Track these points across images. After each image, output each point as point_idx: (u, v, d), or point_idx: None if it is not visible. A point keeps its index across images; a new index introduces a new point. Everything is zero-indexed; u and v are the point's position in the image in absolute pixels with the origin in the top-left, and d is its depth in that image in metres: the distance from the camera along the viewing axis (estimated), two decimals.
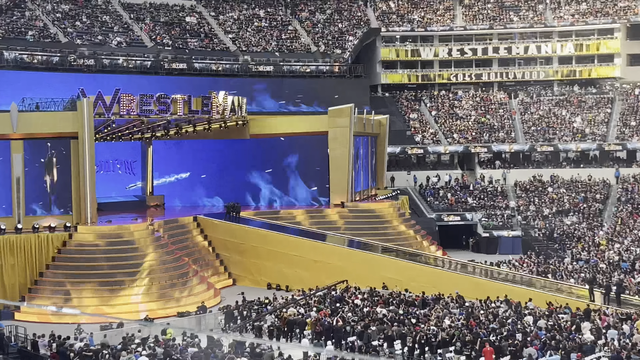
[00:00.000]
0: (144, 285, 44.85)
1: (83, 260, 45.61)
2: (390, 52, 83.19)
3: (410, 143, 74.97)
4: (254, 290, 49.04)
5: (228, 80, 70.83)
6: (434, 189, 72.25)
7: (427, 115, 79.87)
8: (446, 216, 68.00)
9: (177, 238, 52.02)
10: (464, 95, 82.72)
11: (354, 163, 59.43)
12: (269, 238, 52.36)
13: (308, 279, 49.60)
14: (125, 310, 42.99)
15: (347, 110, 58.32)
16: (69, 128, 48.50)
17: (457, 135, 75.71)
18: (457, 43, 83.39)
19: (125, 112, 50.37)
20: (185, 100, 53.09)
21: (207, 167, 62.60)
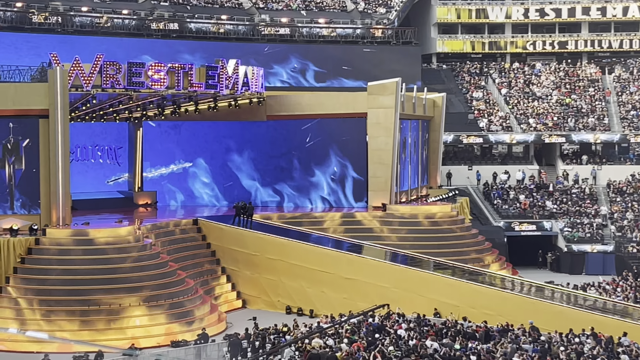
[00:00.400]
0: (129, 306, 45.14)
1: (53, 272, 45.96)
2: (449, 12, 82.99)
3: (473, 130, 74.77)
4: (270, 315, 49.14)
5: (240, 45, 71.14)
6: (502, 189, 72.00)
7: (495, 94, 79.57)
8: (518, 225, 67.70)
9: (172, 246, 52.29)
10: (543, 69, 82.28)
11: (399, 154, 59.38)
12: (289, 249, 52.47)
13: (338, 301, 49.57)
14: (104, 337, 43.29)
15: (393, 86, 58.27)
16: (38, 104, 48.89)
17: (534, 121, 75.37)
18: (536, 1, 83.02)
19: (109, 85, 50.66)
20: (185, 71, 53.31)
21: (212, 156, 62.91)
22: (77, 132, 58.65)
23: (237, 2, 76.20)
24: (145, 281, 46.61)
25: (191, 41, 70.50)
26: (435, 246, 55.69)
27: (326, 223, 57.17)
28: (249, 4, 76.10)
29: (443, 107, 68.29)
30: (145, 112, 60.69)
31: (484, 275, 50.84)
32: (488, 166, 74.72)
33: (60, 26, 66.18)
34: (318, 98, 63.07)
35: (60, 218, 48.77)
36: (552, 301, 46.43)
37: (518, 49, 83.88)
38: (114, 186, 65.00)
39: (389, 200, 58.27)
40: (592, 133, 73.97)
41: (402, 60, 74.90)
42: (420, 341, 37.46)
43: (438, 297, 47.10)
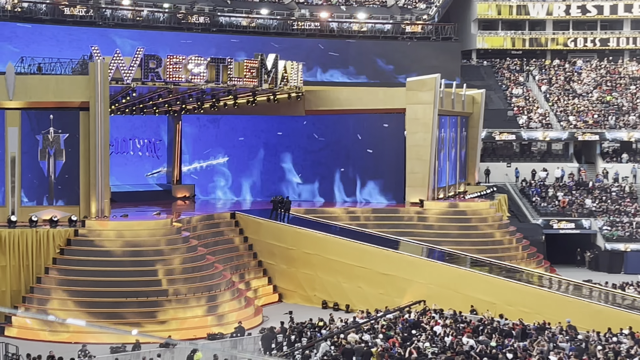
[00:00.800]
0: (167, 298, 45.40)
1: (91, 263, 46.33)
2: (490, 7, 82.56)
3: (512, 126, 74.40)
4: (306, 310, 49.27)
5: (280, 40, 71.20)
6: (541, 186, 71.60)
7: (535, 91, 79.11)
8: (556, 222, 67.31)
9: (209, 240, 52.55)
10: (584, 66, 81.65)
11: (437, 150, 59.22)
12: (326, 243, 52.51)
13: (374, 297, 49.61)
14: (140, 329, 43.53)
15: (432, 82, 58.09)
16: (79, 96, 49.28)
17: (574, 118, 74.84)
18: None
19: (149, 78, 50.95)
20: (224, 65, 53.47)
21: (250, 151, 63.07)
22: (116, 124, 59.06)
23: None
24: (182, 274, 46.86)
25: (231, 35, 70.66)
26: (473, 243, 55.54)
27: (363, 218, 57.14)
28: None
29: (482, 103, 67.99)
30: (185, 105, 60.93)
31: (521, 273, 50.63)
32: (527, 163, 74.30)
33: (102, 19, 66.60)
34: (357, 93, 63.02)
35: (99, 210, 49.12)
36: (590, 300, 46.15)
37: (559, 45, 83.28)
38: (152, 179, 65.37)
39: (427, 197, 58.12)
40: (626, 131, 73.32)
41: (442, 56, 74.62)
42: (457, 338, 37.41)
43: (475, 294, 46.98)
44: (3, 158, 48.69)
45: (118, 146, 63.14)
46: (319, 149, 61.79)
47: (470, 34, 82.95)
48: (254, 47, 63.52)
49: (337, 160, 61.29)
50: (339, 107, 61.15)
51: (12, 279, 46.37)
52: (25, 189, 49.01)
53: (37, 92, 49.09)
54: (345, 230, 54.60)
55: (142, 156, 65.05)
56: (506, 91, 79.12)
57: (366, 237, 53.49)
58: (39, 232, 47.03)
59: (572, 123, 74.30)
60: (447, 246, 53.82)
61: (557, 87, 79.30)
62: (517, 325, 40.20)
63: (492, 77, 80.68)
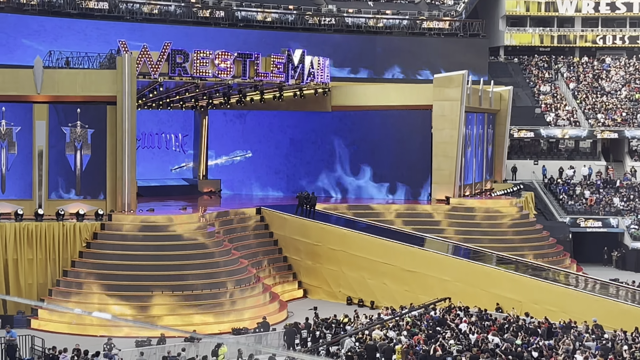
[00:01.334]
0: (192, 293, 45.54)
1: (117, 257, 46.56)
2: (518, 4, 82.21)
3: (540, 124, 74.08)
4: (330, 306, 49.29)
5: (307, 35, 71.21)
6: (568, 184, 71.25)
7: (563, 89, 78.72)
8: (583, 221, 66.98)
9: (235, 235, 52.66)
10: (613, 63, 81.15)
11: (464, 147, 59.05)
12: (351, 240, 52.51)
13: (399, 294, 49.56)
14: (165, 323, 43.72)
15: (459, 78, 57.92)
16: (106, 91, 49.53)
17: (602, 116, 74.41)
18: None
19: (176, 73, 51.12)
20: (251, 60, 53.55)
21: (276, 146, 63.13)
22: (143, 119, 59.27)
23: None
24: (207, 269, 47.00)
25: (258, 30, 70.74)
26: (499, 241, 55.34)
27: (388, 215, 57.08)
28: None
29: (509, 100, 67.70)
30: (211, 100, 61.08)
31: (547, 271, 50.42)
32: (554, 161, 73.96)
33: (130, 14, 66.84)
34: (383, 89, 62.91)
35: (125, 204, 49.34)
36: (617, 299, 45.91)
37: (587, 43, 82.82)
38: (179, 173, 65.56)
39: (453, 194, 57.97)
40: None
41: (469, 53, 74.40)
42: (482, 336, 37.31)
43: (500, 292, 46.84)
44: (31, 151, 49.02)
45: (145, 140, 63.35)
46: (345, 145, 61.71)
47: (498, 31, 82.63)
48: (281, 43, 63.55)
49: (363, 156, 61.20)
50: (366, 104, 61.10)
51: (39, 271, 46.74)
52: (52, 182, 49.30)
53: (64, 86, 49.38)
54: (370, 226, 54.54)
55: (169, 151, 65.22)
56: (534, 88, 78.77)
57: (391, 234, 53.43)
58: (66, 225, 47.32)
59: (599, 121, 73.89)
60: (473, 244, 53.69)
61: (585, 84, 78.86)
62: (542, 323, 40.06)
63: (520, 74, 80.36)
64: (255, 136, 63.71)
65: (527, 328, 39.28)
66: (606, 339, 37.28)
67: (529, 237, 57.42)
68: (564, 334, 38.29)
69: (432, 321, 40.36)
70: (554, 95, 77.95)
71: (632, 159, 73.74)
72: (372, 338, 37.65)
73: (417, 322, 40.33)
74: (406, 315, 42.35)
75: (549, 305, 44.54)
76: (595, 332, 38.41)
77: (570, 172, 72.48)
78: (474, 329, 38.82)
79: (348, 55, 72.84)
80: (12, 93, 48.89)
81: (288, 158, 63.13)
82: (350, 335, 38.75)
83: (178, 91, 56.45)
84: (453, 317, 41.27)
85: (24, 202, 48.61)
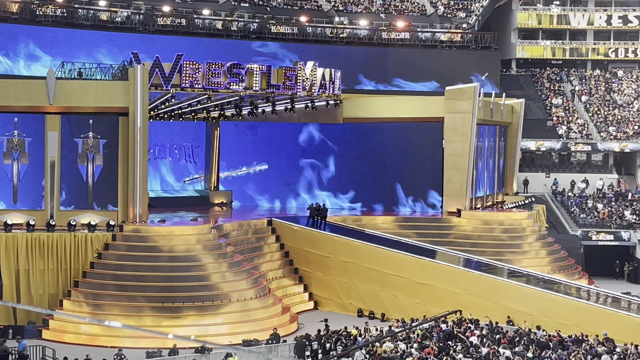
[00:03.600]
0: (203, 304, 45.57)
1: (128, 268, 46.64)
2: (530, 17, 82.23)
3: (551, 136, 74.02)
4: (341, 318, 49.23)
5: (318, 47, 71.34)
6: (580, 197, 71.11)
7: (575, 102, 78.63)
8: (595, 234, 66.82)
9: (245, 246, 52.70)
10: (625, 76, 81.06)
11: (476, 160, 59.02)
12: (362, 252, 52.46)
13: (410, 306, 49.46)
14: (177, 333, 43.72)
15: (471, 91, 57.94)
16: (118, 102, 49.67)
17: (614, 129, 74.31)
18: (619, 8, 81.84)
19: (188, 84, 51.25)
20: (263, 72, 53.67)
21: (287, 158, 63.20)
22: (155, 130, 59.41)
23: (317, 4, 76.42)
24: (218, 280, 47.03)
25: (270, 42, 70.90)
26: (510, 253, 55.26)
27: (399, 227, 57.01)
28: (328, 6, 76.27)
29: (521, 113, 67.70)
30: (223, 112, 61.19)
31: (559, 284, 50.27)
32: (566, 174, 73.87)
33: (142, 25, 67.07)
34: (395, 101, 62.97)
35: (137, 215, 49.44)
36: (628, 312, 45.72)
37: (599, 56, 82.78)
38: (190, 184, 65.65)
39: (465, 206, 57.93)
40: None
41: (481, 65, 74.39)
42: (493, 349, 37.22)
43: (511, 305, 46.70)
44: (43, 162, 49.18)
45: (156, 152, 63.48)
46: (356, 157, 61.76)
47: (510, 43, 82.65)
48: (293, 55, 63.70)
49: (374, 168, 61.23)
50: (377, 115, 61.15)
51: (50, 282, 46.83)
52: (64, 193, 49.45)
53: (77, 97, 49.56)
54: (381, 238, 54.51)
55: (181, 162, 65.34)
56: (546, 101, 78.72)
57: (402, 246, 53.38)
58: (77, 236, 47.44)
59: (612, 134, 73.80)
60: (484, 256, 53.58)
61: (597, 97, 78.77)
62: (554, 337, 39.93)
63: (532, 87, 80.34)
64: (267, 148, 63.80)
65: (538, 341, 39.15)
66: (618, 353, 37.14)
67: (540, 250, 57.29)
68: (576, 347, 38.16)
69: (442, 334, 40.28)
70: (566, 108, 77.87)
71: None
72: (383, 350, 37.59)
73: (428, 335, 40.26)
74: (417, 327, 42.28)
75: (561, 319, 44.37)
76: (607, 346, 38.27)
77: (583, 185, 72.35)
78: (485, 342, 38.73)
79: (360, 67, 72.87)
80: (25, 104, 49.09)
81: (300, 169, 63.17)
82: (361, 348, 38.70)
83: (190, 102, 56.58)
84: (464, 330, 41.18)
85: (35, 213, 48.75)
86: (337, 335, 41.48)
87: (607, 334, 39.96)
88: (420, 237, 55.95)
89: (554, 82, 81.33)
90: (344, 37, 74.05)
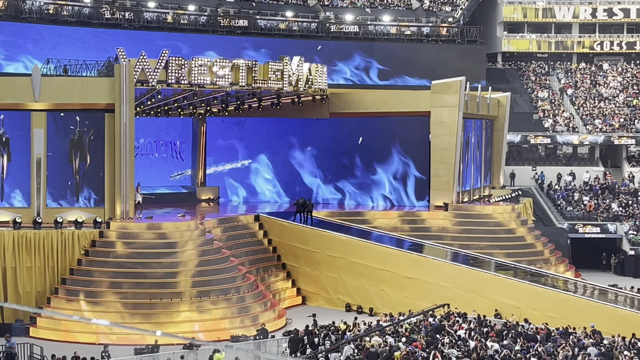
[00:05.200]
0: (190, 300, 45.51)
1: (115, 264, 46.55)
2: (516, 10, 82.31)
3: (538, 130, 74.16)
4: (329, 313, 49.24)
5: (304, 42, 71.27)
6: (566, 190, 71.27)
7: (561, 95, 78.77)
8: (582, 227, 66.99)
9: (233, 242, 52.64)
10: (610, 69, 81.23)
11: (462, 154, 59.07)
12: (350, 246, 52.49)
13: (398, 300, 49.52)
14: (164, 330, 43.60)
15: (457, 85, 57.97)
16: (104, 98, 49.54)
17: (600, 122, 74.49)
18: (604, 1, 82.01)
19: (174, 80, 51.13)
20: (249, 67, 53.59)
21: (274, 153, 63.19)
22: (141, 126, 59.24)
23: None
24: (206, 276, 46.99)
25: (256, 38, 70.79)
26: (497, 247, 55.34)
27: (387, 221, 57.06)
28: (313, 1, 76.18)
29: (507, 106, 67.78)
30: (209, 107, 61.10)
31: (546, 277, 50.40)
32: (552, 167, 74.03)
33: (127, 22, 66.87)
34: (381, 96, 62.95)
35: (124, 212, 49.33)
36: (615, 305, 45.87)
37: (585, 49, 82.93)
38: (177, 181, 65.53)
39: (451, 200, 57.99)
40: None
41: (467, 59, 74.45)
42: (481, 342, 37.28)
43: (499, 298, 46.80)
44: (29, 159, 49.00)
45: (143, 148, 63.33)
46: (342, 152, 61.77)
47: (496, 37, 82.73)
48: (279, 50, 63.61)
49: (360, 163, 61.22)
50: (364, 110, 61.14)
51: (37, 279, 46.68)
52: (51, 190, 49.30)
53: (62, 94, 49.36)
54: (369, 233, 54.57)
55: (167, 158, 65.22)
56: (532, 94, 78.85)
57: (390, 241, 53.48)
58: (64, 233, 47.30)
59: (597, 127, 73.98)
60: (472, 250, 53.61)
61: (583, 90, 78.95)
62: (541, 329, 40.03)
63: (518, 80, 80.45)
64: (253, 143, 63.74)
65: (526, 334, 39.24)
66: (605, 345, 37.25)
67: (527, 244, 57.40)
68: (563, 339, 38.26)
69: (430, 328, 40.32)
70: (551, 101, 78.02)
71: (629, 165, 73.80)
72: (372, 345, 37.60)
73: (416, 329, 40.30)
74: (405, 321, 42.32)
75: (548, 312, 44.50)
76: (594, 338, 38.38)
77: (569, 178, 72.52)
78: (473, 335, 38.79)
79: (346, 62, 72.85)
80: (10, 101, 48.88)
81: (286, 165, 63.14)
82: (350, 342, 38.71)
83: (176, 99, 56.46)
84: (452, 324, 41.24)
85: (22, 211, 48.58)
86: (326, 330, 41.49)
87: (595, 326, 40.09)
88: (407, 231, 55.96)
89: (540, 76, 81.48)
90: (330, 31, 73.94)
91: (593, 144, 74.31)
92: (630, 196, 70.07)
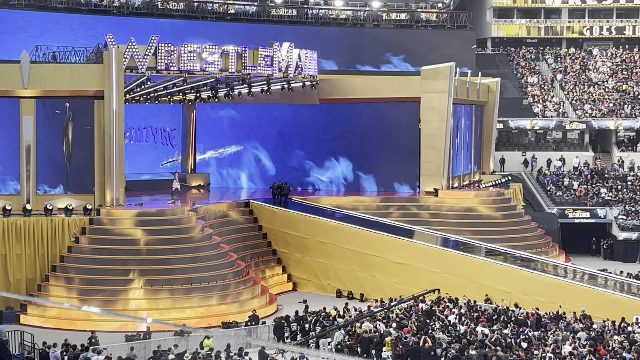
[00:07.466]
0: (181, 286, 45.52)
1: (106, 251, 46.52)
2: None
3: (527, 115, 74.22)
4: (320, 298, 49.31)
5: (294, 28, 71.07)
6: (556, 175, 71.38)
7: (550, 80, 78.82)
8: (571, 212, 67.12)
9: (223, 228, 52.63)
10: (600, 54, 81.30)
11: (452, 139, 59.11)
12: (341, 232, 52.54)
13: (389, 286, 49.60)
14: (155, 317, 43.70)
15: (446, 70, 57.96)
16: (93, 85, 49.43)
17: (590, 107, 74.58)
18: None
19: (164, 67, 51.04)
20: (238, 53, 53.50)
21: (264, 139, 63.11)
22: (131, 113, 59.11)
23: None
24: (197, 262, 47.00)
25: (245, 24, 70.58)
26: (487, 232, 55.44)
27: (377, 207, 57.10)
28: None
29: (497, 92, 67.79)
30: (199, 94, 61.01)
31: (536, 262, 50.54)
32: (542, 152, 74.06)
33: (116, 8, 66.63)
34: (371, 82, 62.91)
35: (114, 199, 49.30)
36: (605, 289, 46.05)
37: (574, 34, 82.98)
38: (167, 168, 65.44)
39: (442, 186, 58.05)
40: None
41: (457, 45, 74.35)
42: (471, 327, 37.39)
43: (489, 284, 46.93)
44: (18, 147, 48.89)
45: (133, 135, 63.21)
46: (332, 138, 61.73)
47: (486, 22, 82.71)
48: (269, 36, 63.48)
49: (351, 149, 61.21)
50: (354, 96, 61.13)
51: (27, 267, 46.65)
52: (40, 177, 49.19)
53: (51, 81, 49.28)
54: (359, 219, 54.58)
55: (157, 145, 65.10)
56: (521, 80, 78.88)
57: (381, 226, 53.49)
58: (54, 220, 47.25)
59: (587, 112, 74.05)
60: (462, 235, 53.73)
61: (572, 75, 79.02)
62: (532, 314, 40.18)
63: (507, 66, 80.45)
64: (244, 129, 63.67)
65: (516, 319, 39.38)
66: (595, 329, 37.41)
67: (517, 229, 57.53)
68: (553, 324, 38.42)
69: (421, 313, 40.43)
70: (541, 86, 78.07)
71: (619, 150, 73.93)
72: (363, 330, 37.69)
73: (406, 314, 40.40)
74: (395, 307, 42.43)
75: (538, 297, 44.63)
76: (584, 322, 38.55)
77: (559, 163, 72.61)
78: (463, 320, 38.91)
79: (336, 48, 72.70)
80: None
81: (276, 151, 63.10)
82: (340, 328, 38.80)
83: (166, 85, 56.36)
84: (442, 309, 41.36)
85: (12, 198, 48.48)
86: (316, 316, 41.58)
87: (585, 311, 40.25)
88: (398, 217, 56.05)
89: (530, 61, 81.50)
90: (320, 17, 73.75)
91: (582, 129, 74.33)
92: (619, 181, 70.20)
